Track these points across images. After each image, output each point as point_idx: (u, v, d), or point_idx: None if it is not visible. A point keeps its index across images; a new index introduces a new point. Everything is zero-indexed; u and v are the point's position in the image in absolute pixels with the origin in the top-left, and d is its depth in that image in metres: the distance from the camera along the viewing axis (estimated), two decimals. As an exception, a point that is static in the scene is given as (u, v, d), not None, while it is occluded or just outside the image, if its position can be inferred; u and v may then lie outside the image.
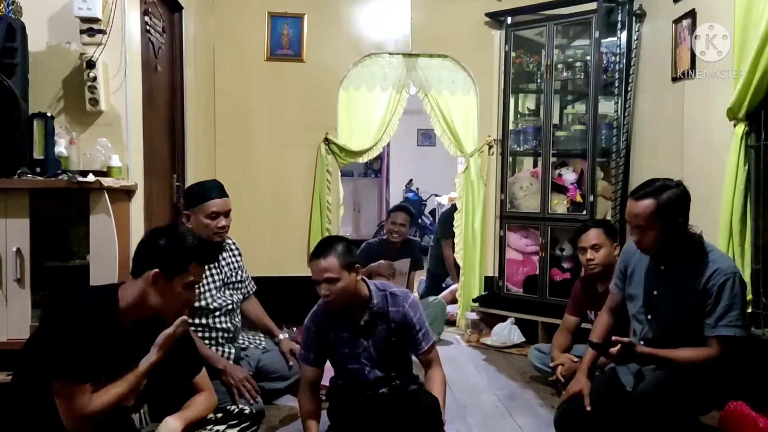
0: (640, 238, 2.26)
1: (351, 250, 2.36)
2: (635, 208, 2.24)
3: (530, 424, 2.76)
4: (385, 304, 2.43)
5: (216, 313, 2.81)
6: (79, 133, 2.85)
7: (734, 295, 2.19)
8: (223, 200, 2.83)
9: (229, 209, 2.86)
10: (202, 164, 4.12)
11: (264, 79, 4.47)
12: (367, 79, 4.63)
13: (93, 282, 2.52)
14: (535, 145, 4.34)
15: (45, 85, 2.81)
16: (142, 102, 3.05)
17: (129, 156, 2.90)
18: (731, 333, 2.17)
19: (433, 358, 2.46)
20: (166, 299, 1.86)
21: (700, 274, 2.23)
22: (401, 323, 2.43)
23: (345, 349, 2.45)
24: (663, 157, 3.50)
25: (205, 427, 2.00)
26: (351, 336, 2.43)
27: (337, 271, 2.28)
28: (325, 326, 2.45)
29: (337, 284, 2.28)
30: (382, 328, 2.43)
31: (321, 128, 4.47)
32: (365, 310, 2.41)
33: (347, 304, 2.36)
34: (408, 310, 2.43)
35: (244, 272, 3.07)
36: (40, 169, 2.59)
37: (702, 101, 3.04)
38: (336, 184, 4.56)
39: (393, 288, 2.49)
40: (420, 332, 2.43)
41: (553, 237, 4.19)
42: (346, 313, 2.41)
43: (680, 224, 2.24)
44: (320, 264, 2.29)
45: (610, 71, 4.08)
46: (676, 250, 2.28)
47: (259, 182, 4.48)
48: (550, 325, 3.86)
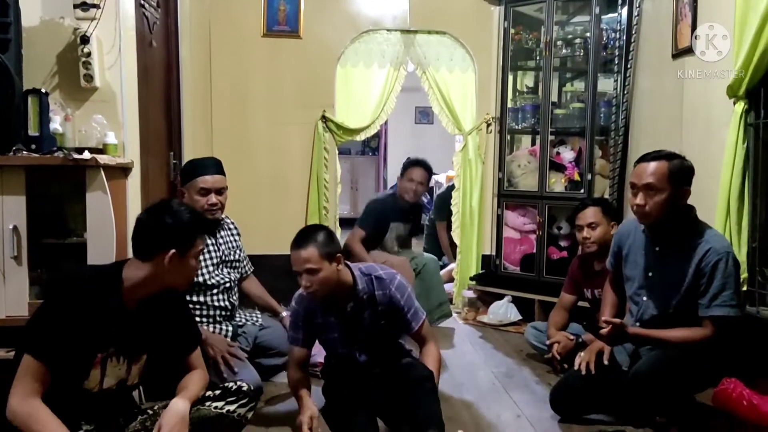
0: (645, 201, 2.24)
1: (332, 240, 2.31)
2: (647, 168, 2.24)
3: (526, 401, 2.79)
4: (371, 288, 2.40)
5: (213, 291, 2.81)
6: (74, 109, 2.82)
7: (728, 274, 2.20)
8: (214, 177, 2.79)
9: (221, 187, 2.81)
10: (198, 141, 4.09)
11: (260, 56, 4.43)
12: (365, 56, 4.59)
13: (90, 260, 2.53)
14: (534, 123, 4.32)
15: (39, 60, 2.78)
16: (137, 78, 3.01)
17: (125, 133, 2.88)
18: (725, 313, 2.19)
19: (425, 335, 2.45)
20: (180, 275, 1.89)
21: (694, 255, 2.24)
22: (389, 306, 2.40)
23: (334, 334, 2.44)
24: (662, 135, 3.49)
25: (203, 404, 2.01)
26: (338, 322, 2.41)
27: (317, 262, 2.23)
28: (311, 311, 2.43)
29: (317, 275, 2.24)
30: (370, 313, 2.40)
31: (318, 106, 4.44)
32: (351, 296, 2.38)
33: (331, 293, 2.32)
34: (394, 293, 2.40)
35: (242, 252, 3.07)
36: (36, 146, 2.57)
37: (702, 79, 3.02)
38: (333, 162, 4.54)
39: (378, 271, 2.45)
40: (409, 312, 2.41)
41: (550, 215, 4.19)
42: (331, 300, 2.38)
43: (684, 193, 2.25)
44: (300, 254, 2.25)
45: (610, 48, 4.05)
46: (673, 225, 2.27)
47: (257, 160, 4.47)
48: (546, 303, 3.88)
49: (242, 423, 2.07)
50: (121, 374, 1.88)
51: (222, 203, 2.83)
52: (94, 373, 1.82)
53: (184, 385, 1.99)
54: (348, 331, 2.42)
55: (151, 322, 1.94)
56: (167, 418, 1.85)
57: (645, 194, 2.24)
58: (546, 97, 4.17)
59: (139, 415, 1.96)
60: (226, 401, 2.03)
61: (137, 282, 1.84)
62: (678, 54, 3.27)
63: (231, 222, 3.06)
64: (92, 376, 1.82)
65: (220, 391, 2.06)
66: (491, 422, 2.56)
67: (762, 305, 2.62)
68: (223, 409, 2.02)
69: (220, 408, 2.02)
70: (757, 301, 2.63)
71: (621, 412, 2.54)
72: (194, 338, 2.11)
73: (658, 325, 2.31)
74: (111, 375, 1.86)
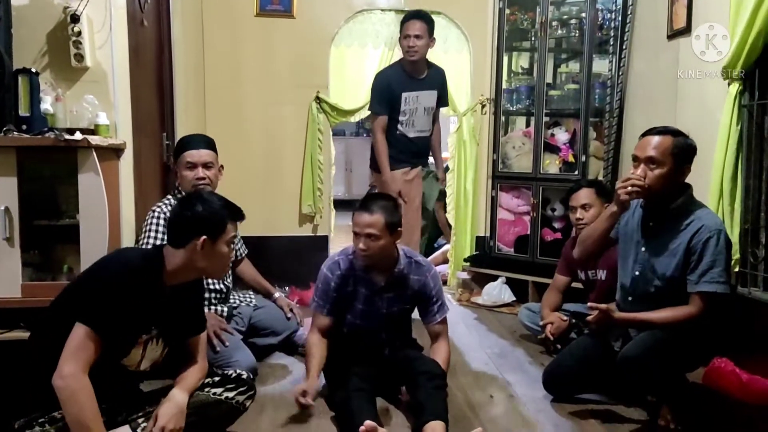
0: (646, 174, 2.25)
1: (398, 212, 2.39)
2: (651, 140, 2.25)
3: (520, 381, 2.81)
4: (409, 270, 2.48)
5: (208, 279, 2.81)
6: (64, 89, 2.80)
7: (718, 252, 2.21)
8: (200, 151, 2.77)
9: (207, 161, 2.78)
10: (191, 122, 4.06)
11: (254, 36, 4.38)
12: (359, 36, 4.55)
13: (83, 241, 2.53)
14: (528, 104, 4.30)
15: (28, 40, 2.75)
16: (128, 57, 2.98)
17: (116, 113, 2.86)
18: (713, 289, 2.20)
19: (442, 331, 2.54)
20: (214, 261, 1.93)
21: (687, 231, 2.25)
22: (420, 291, 2.49)
23: (360, 305, 2.49)
24: (656, 116, 3.48)
25: (203, 390, 2.03)
26: (369, 294, 2.47)
27: (381, 229, 2.31)
28: (345, 278, 2.48)
29: (378, 242, 2.32)
30: (400, 293, 2.48)
31: (312, 86, 4.41)
32: (388, 271, 2.44)
33: (378, 262, 2.40)
34: (429, 280, 2.49)
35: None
36: (27, 127, 2.55)
37: (697, 59, 3.01)
38: (327, 143, 4.52)
39: (418, 257, 2.54)
40: (437, 303, 2.50)
41: (544, 197, 4.19)
42: (369, 271, 2.44)
43: (685, 171, 2.26)
44: (365, 218, 2.32)
45: (605, 29, 4.03)
46: (669, 201, 2.28)
47: (250, 141, 4.44)
48: (540, 284, 3.89)
49: (240, 410, 2.10)
50: (156, 356, 1.96)
51: (210, 178, 2.78)
52: (135, 353, 1.89)
53: (184, 375, 2.01)
54: (373, 305, 2.47)
55: (180, 306, 1.99)
56: (164, 409, 1.87)
57: (646, 167, 2.25)
58: (541, 78, 4.15)
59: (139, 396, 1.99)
60: (225, 388, 2.05)
61: (176, 268, 1.89)
62: (673, 35, 3.25)
63: None
64: (132, 354, 1.89)
65: (219, 378, 2.08)
66: (485, 402, 2.58)
67: (753, 286, 2.64)
68: (222, 395, 2.04)
69: (219, 394, 2.04)
70: (748, 282, 2.65)
71: (613, 392, 2.57)
72: (202, 323, 2.13)
73: (649, 300, 2.32)
74: (149, 357, 1.93)
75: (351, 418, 2.07)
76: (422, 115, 3.78)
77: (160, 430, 1.83)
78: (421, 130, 3.82)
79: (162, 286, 1.89)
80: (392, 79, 3.71)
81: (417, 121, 3.78)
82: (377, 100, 3.72)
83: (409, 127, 3.76)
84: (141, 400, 2.00)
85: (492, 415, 2.44)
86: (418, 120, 3.78)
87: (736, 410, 2.39)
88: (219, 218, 1.93)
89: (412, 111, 3.74)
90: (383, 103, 3.70)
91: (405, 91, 3.70)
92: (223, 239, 1.93)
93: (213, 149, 2.85)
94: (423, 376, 2.26)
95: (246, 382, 2.09)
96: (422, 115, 3.78)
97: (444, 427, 2.07)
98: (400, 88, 3.70)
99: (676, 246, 2.27)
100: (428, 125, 3.86)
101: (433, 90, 3.81)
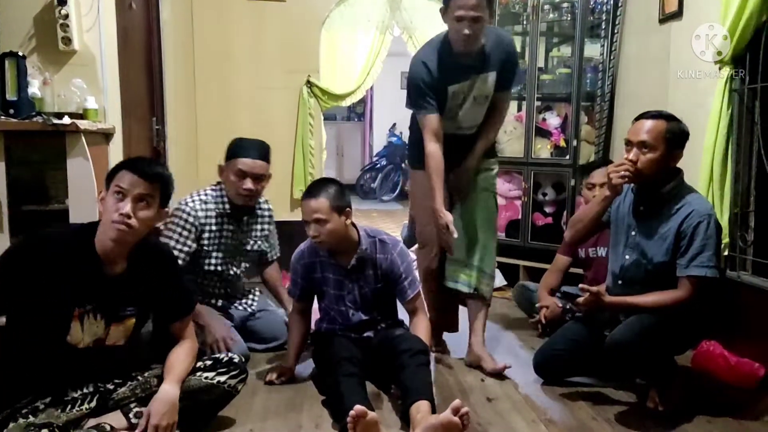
0: (638, 159, 2.26)
1: (343, 193, 2.38)
2: (644, 124, 2.25)
3: (512, 364, 2.82)
4: (374, 251, 2.49)
5: (214, 277, 2.79)
6: (52, 73, 2.77)
7: (708, 236, 2.22)
8: (255, 162, 2.64)
9: (260, 173, 2.66)
10: (181, 107, 4.04)
11: (244, 19, 4.34)
12: (350, 20, 4.52)
13: (72, 226, 2.51)
14: (520, 88, 4.29)
15: (15, 23, 2.72)
16: (117, 41, 2.96)
17: (105, 98, 2.84)
18: (702, 273, 2.21)
19: (417, 306, 2.54)
20: (104, 215, 1.82)
21: (677, 216, 2.26)
22: (388, 270, 2.49)
23: (331, 290, 2.51)
24: (648, 100, 3.49)
25: (194, 374, 2.02)
26: (337, 278, 2.49)
27: (327, 213, 2.31)
28: (311, 266, 2.50)
29: (326, 225, 2.32)
30: (369, 274, 2.49)
31: (303, 71, 4.38)
32: (353, 253, 2.45)
33: (336, 246, 2.41)
34: (396, 258, 2.49)
35: (268, 241, 2.95)
36: (14, 111, 2.53)
37: (688, 44, 3.01)
38: (319, 127, 4.50)
39: (383, 235, 2.54)
40: (406, 280, 2.50)
41: (536, 182, 4.20)
42: (333, 255, 2.45)
43: (676, 156, 2.26)
44: (311, 204, 2.32)
45: (597, 12, 4.01)
46: (660, 185, 2.29)
47: (241, 125, 4.39)
48: (531, 269, 3.91)
49: (232, 394, 2.09)
50: (99, 332, 1.87)
51: (258, 191, 2.70)
52: (75, 327, 1.82)
53: (172, 362, 1.99)
54: (343, 288, 2.49)
55: (142, 286, 1.93)
56: (156, 406, 1.86)
57: (638, 151, 2.25)
58: (532, 62, 4.13)
59: (129, 382, 1.97)
60: (217, 372, 2.05)
61: (98, 234, 1.82)
62: (665, 18, 3.25)
63: (267, 208, 2.94)
64: (74, 330, 1.82)
65: (211, 362, 2.07)
66: (476, 386, 2.60)
67: (742, 270, 2.66)
68: (213, 379, 2.04)
69: (211, 378, 2.03)
70: (737, 266, 2.67)
71: (603, 375, 2.59)
72: (184, 306, 2.10)
73: (639, 284, 2.34)
74: (88, 332, 1.85)
75: (341, 402, 2.08)
76: (472, 107, 2.68)
77: (153, 428, 1.82)
78: (467, 126, 2.74)
79: (94, 258, 1.81)
80: (434, 66, 2.57)
81: (464, 116, 2.70)
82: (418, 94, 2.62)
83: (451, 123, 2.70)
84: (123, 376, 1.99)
85: (483, 398, 2.46)
86: (466, 114, 2.70)
87: (724, 392, 2.42)
88: (114, 169, 1.83)
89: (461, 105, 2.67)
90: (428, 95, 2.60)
91: (452, 83, 2.60)
92: (111, 189, 1.81)
93: (267, 160, 2.72)
94: (405, 354, 2.26)
95: (237, 365, 2.09)
96: (472, 107, 2.68)
97: (429, 406, 2.07)
98: (445, 79, 2.59)
99: (666, 230, 2.28)
100: (479, 119, 2.73)
101: (491, 72, 2.63)
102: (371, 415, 1.89)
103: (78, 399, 1.84)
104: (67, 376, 1.86)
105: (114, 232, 1.78)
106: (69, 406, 1.81)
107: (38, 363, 1.81)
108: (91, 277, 1.81)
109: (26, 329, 1.80)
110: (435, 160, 2.57)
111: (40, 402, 1.78)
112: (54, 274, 1.75)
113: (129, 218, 1.77)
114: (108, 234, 1.79)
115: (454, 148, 2.65)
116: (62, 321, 1.80)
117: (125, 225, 1.77)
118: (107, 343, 1.89)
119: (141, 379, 1.98)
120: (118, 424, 1.85)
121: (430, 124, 2.59)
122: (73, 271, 1.78)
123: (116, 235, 1.78)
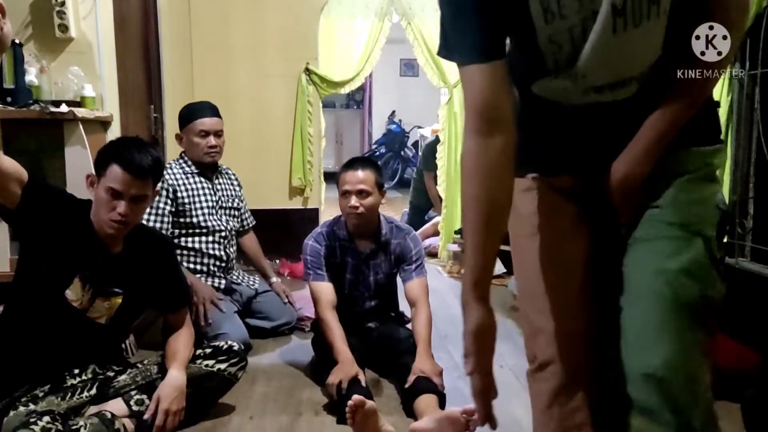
0: None
1: (383, 174, 2.46)
2: None
3: (509, 351, 2.83)
4: (391, 235, 2.50)
5: (209, 237, 2.80)
6: (49, 61, 2.76)
7: None
8: (212, 119, 2.83)
9: (219, 129, 2.85)
10: (179, 94, 4.01)
11: (242, 5, 4.31)
12: (349, 7, 4.49)
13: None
14: (519, 75, 4.27)
15: (11, 10, 2.64)
16: (114, 28, 2.94)
17: (103, 85, 2.83)
18: None
19: (420, 294, 2.47)
20: (95, 204, 1.84)
21: None
22: (401, 254, 2.51)
23: (348, 275, 2.51)
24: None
25: (194, 362, 2.03)
26: (355, 263, 2.49)
27: (372, 186, 2.35)
28: (331, 250, 2.48)
29: (367, 198, 2.34)
30: (384, 259, 2.51)
31: (301, 58, 4.35)
32: (372, 238, 2.47)
33: (365, 225, 2.42)
34: (409, 242, 2.51)
35: (242, 202, 3.10)
36: (11, 99, 2.52)
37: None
38: (317, 115, 4.48)
39: (398, 222, 2.58)
40: (415, 263, 2.50)
41: (535, 169, 4.19)
42: (353, 239, 2.46)
43: None
44: (358, 174, 2.34)
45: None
46: None
47: (239, 113, 4.39)
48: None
49: (232, 381, 2.10)
50: (84, 303, 1.86)
51: (220, 146, 2.86)
52: (77, 283, 1.83)
53: (174, 349, 2.01)
54: (361, 274, 2.50)
55: (136, 271, 1.94)
56: (165, 390, 1.88)
57: None
58: (532, 49, 4.11)
59: (129, 369, 1.98)
60: (217, 360, 2.06)
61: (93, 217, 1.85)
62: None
63: (232, 173, 3.10)
64: (75, 285, 1.83)
65: (211, 350, 2.08)
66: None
67: (741, 256, 2.67)
68: (214, 367, 2.05)
69: (211, 366, 2.04)
70: (736, 253, 2.68)
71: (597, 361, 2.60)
72: (179, 299, 2.12)
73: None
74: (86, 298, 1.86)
75: (340, 390, 2.09)
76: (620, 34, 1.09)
77: (163, 412, 1.85)
78: (608, 81, 1.07)
79: (89, 229, 1.83)
80: None
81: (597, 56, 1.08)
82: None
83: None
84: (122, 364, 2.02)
85: (482, 385, 2.47)
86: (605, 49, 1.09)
87: (721, 377, 2.43)
88: (104, 157, 1.84)
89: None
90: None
91: None
92: (102, 183, 1.81)
93: (220, 116, 2.90)
94: (408, 350, 2.30)
95: (237, 353, 2.09)
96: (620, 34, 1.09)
97: (436, 400, 2.08)
98: None
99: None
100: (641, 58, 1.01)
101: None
102: (370, 404, 1.90)
103: (78, 387, 1.85)
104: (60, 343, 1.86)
105: (112, 230, 1.83)
106: (69, 393, 1.82)
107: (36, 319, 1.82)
108: (90, 249, 1.85)
109: (31, 273, 1.82)
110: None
111: (39, 390, 1.79)
112: (66, 230, 1.80)
113: (126, 217, 1.82)
114: (105, 230, 1.84)
115: (589, 133, 1.20)
116: (65, 273, 1.83)
117: (123, 224, 1.83)
118: (88, 315, 1.88)
119: (141, 367, 1.99)
120: (119, 412, 1.86)
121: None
122: (78, 239, 1.83)
123: (114, 233, 1.84)
